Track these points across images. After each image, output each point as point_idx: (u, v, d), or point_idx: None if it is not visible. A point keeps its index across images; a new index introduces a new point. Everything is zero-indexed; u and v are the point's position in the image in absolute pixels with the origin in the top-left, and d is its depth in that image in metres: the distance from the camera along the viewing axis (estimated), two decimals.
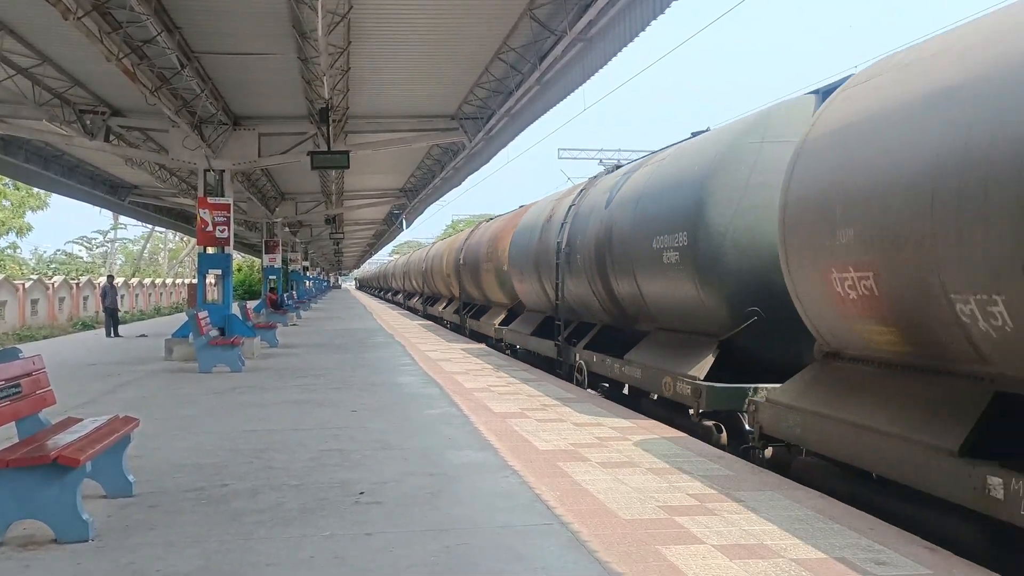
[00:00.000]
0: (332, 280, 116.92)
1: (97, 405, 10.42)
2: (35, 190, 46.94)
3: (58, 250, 77.68)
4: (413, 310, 44.57)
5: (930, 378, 5.83)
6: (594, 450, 7.62)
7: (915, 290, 5.63)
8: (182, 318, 22.69)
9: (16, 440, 5.51)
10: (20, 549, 4.89)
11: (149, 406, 10.39)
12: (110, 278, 28.04)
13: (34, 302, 31.79)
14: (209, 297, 18.40)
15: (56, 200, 64.63)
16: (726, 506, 5.72)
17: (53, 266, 67.35)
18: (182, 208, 31.67)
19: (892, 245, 5.77)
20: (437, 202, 32.99)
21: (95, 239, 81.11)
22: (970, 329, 5.21)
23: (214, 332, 15.65)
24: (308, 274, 58.59)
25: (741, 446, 8.19)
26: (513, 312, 20.30)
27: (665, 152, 11.77)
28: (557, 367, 14.53)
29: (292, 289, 42.36)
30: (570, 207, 14.65)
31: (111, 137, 17.26)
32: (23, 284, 31.36)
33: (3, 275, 31.88)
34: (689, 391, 8.89)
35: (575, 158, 44.52)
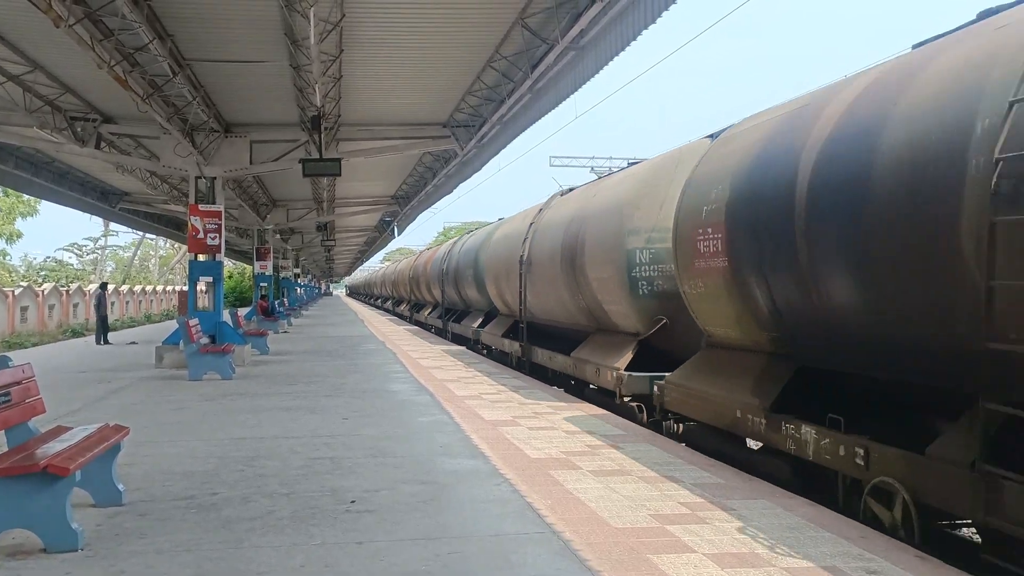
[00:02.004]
0: (323, 287, 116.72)
1: (87, 413, 10.38)
2: (25, 197, 46.75)
3: (48, 257, 77.26)
4: (386, 310, 58.46)
5: (509, 319, 18.71)
6: (585, 458, 7.62)
7: (505, 292, 18.52)
8: (173, 325, 22.57)
9: (5, 449, 5.49)
10: (9, 558, 4.86)
11: (139, 414, 10.36)
12: (103, 285, 27.89)
13: (24, 309, 31.60)
14: (200, 304, 18.33)
15: (46, 207, 64.54)
16: (717, 515, 5.73)
17: (43, 273, 66.96)
18: (173, 215, 31.60)
19: (502, 276, 18.66)
20: (429, 209, 33.00)
21: (85, 246, 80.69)
22: (511, 303, 18.10)
23: (205, 339, 15.60)
24: (299, 281, 58.46)
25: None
26: (435, 307, 33.35)
27: (476, 232, 26.26)
28: (442, 333, 29.01)
29: (283, 296, 42.25)
30: (449, 251, 29.01)
31: (102, 144, 17.21)
32: (12, 291, 31.16)
33: None
34: (470, 333, 22.75)
35: (567, 166, 44.62)
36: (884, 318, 5.98)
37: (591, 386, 12.65)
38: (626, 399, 10.81)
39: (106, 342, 24.64)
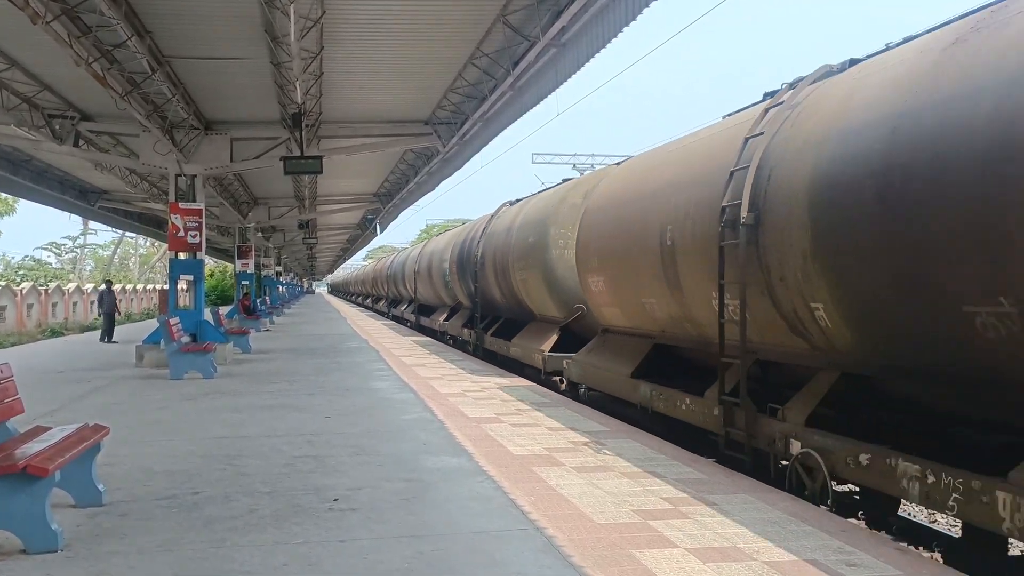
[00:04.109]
0: (306, 285, 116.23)
1: (67, 413, 10.29)
2: (2, 195, 46.29)
3: (26, 256, 76.50)
4: (359, 304, 71.92)
5: (415, 304, 33.90)
6: (568, 455, 7.64)
7: (413, 287, 32.73)
8: (153, 324, 22.43)
9: None
10: None
11: (120, 413, 10.28)
12: (108, 283, 27.61)
13: (1, 309, 31.34)
14: (181, 303, 18.19)
15: (24, 205, 63.80)
16: (699, 509, 5.76)
17: (21, 272, 66.28)
18: (153, 213, 31.37)
19: (411, 279, 33.42)
20: (412, 206, 32.97)
21: (64, 245, 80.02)
22: (413, 294, 33.98)
23: (186, 338, 15.51)
24: (281, 279, 58.23)
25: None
26: (385, 299, 47.83)
27: (403, 251, 46.57)
28: (387, 316, 43.10)
29: (265, 294, 42.08)
30: (391, 261, 45.60)
31: (80, 142, 17.06)
32: None
33: None
34: (400, 313, 39.22)
35: (549, 162, 44.62)
36: (485, 297, 19.64)
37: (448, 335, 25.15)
38: (442, 332, 25.48)
39: (107, 340, 24.22)
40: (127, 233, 62.81)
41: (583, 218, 12.43)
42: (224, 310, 28.40)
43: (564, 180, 16.64)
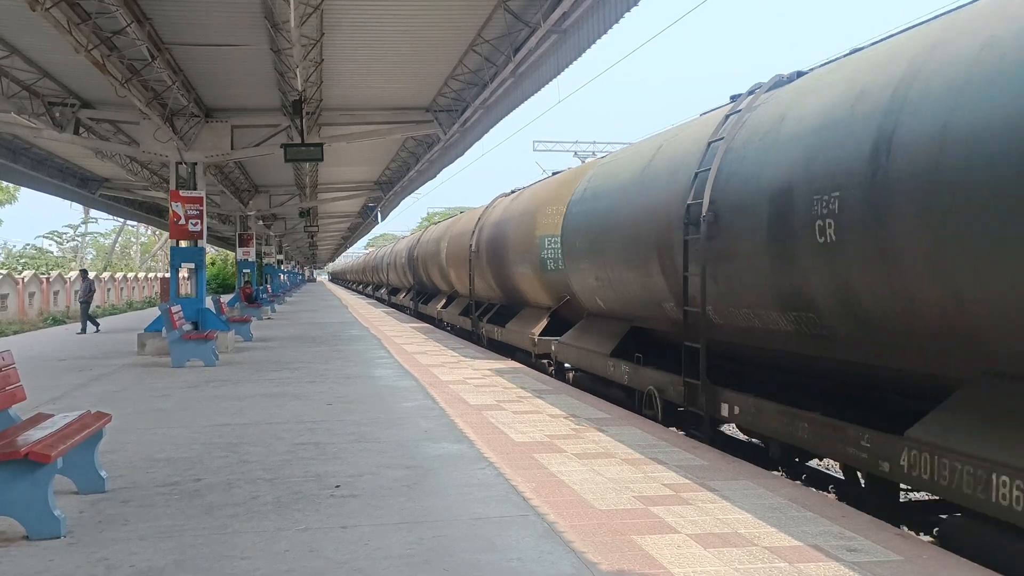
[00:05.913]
0: (307, 273, 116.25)
1: (69, 400, 10.31)
2: (3, 184, 46.28)
3: (28, 244, 76.60)
4: (357, 291, 77.87)
5: (388, 287, 47.81)
6: (570, 441, 7.65)
7: (386, 276, 47.60)
8: (155, 312, 22.46)
9: None
10: None
11: (121, 401, 10.31)
12: (83, 272, 27.55)
13: (3, 297, 31.36)
14: (182, 291, 18.19)
15: (25, 194, 63.87)
16: (700, 496, 5.77)
17: (23, 261, 66.29)
18: (154, 201, 31.36)
19: (384, 269, 48.64)
20: (412, 194, 32.91)
21: (66, 233, 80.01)
22: (387, 280, 48.01)
23: (187, 326, 15.52)
24: (282, 267, 58.26)
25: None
26: (372, 285, 61.25)
27: (383, 247, 64.03)
28: (371, 296, 59.08)
29: (266, 283, 42.09)
30: (375, 255, 60.25)
31: (81, 130, 17.01)
32: None
33: None
34: (380, 295, 52.93)
35: (550, 150, 44.64)
36: (421, 282, 32.70)
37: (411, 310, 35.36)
38: (401, 305, 39.23)
39: (83, 331, 24.07)
40: (128, 221, 62.82)
41: (449, 241, 23.86)
42: (226, 298, 28.42)
43: (461, 212, 26.02)
